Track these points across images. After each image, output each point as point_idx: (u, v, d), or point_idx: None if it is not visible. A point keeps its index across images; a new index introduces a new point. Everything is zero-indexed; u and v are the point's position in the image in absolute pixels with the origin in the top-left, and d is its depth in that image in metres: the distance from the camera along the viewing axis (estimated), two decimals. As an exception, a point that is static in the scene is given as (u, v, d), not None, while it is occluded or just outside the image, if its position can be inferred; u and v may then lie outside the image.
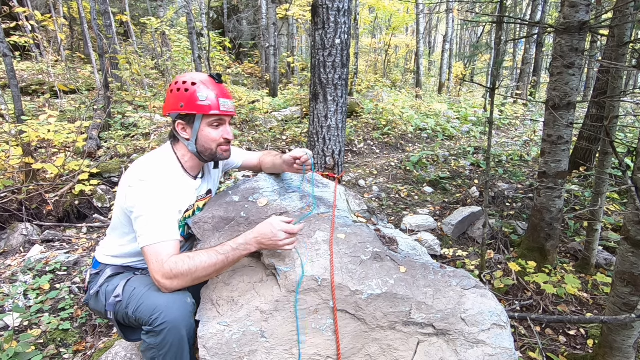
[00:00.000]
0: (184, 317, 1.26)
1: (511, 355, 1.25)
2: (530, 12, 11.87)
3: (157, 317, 1.23)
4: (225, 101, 1.42)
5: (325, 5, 2.42)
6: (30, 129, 4.06)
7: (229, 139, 1.46)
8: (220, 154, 1.48)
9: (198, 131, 1.42)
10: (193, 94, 1.38)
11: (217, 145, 1.46)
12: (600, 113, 4.33)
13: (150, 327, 1.24)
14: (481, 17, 8.19)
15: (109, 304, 1.40)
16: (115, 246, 1.51)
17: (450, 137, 8.10)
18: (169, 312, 1.24)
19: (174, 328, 1.23)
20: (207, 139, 1.43)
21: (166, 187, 1.36)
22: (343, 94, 2.61)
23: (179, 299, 1.29)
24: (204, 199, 1.63)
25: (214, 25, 14.21)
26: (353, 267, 1.32)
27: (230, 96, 1.47)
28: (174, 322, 1.24)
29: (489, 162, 2.91)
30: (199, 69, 7.53)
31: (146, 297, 1.30)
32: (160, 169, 1.40)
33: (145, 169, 1.37)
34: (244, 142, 6.21)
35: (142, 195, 1.31)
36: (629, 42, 2.82)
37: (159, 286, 1.26)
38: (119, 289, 1.39)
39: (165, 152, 1.49)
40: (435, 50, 21.18)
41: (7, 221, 3.53)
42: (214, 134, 1.44)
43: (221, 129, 1.45)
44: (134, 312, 1.31)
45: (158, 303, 1.26)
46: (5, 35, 5.40)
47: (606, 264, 3.22)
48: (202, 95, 1.38)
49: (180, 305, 1.27)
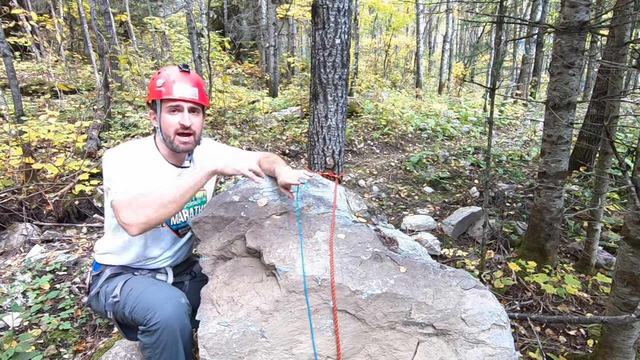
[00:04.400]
0: (177, 316, 1.30)
1: (511, 355, 1.25)
2: (530, 12, 11.87)
3: (151, 317, 1.27)
4: (182, 87, 1.43)
5: (325, 5, 2.42)
6: (30, 129, 4.06)
7: (184, 125, 1.44)
8: (177, 145, 1.46)
9: (160, 118, 1.46)
10: (154, 82, 1.45)
11: (174, 132, 1.45)
12: (600, 113, 4.33)
13: (145, 327, 1.29)
14: (481, 17, 8.19)
15: (107, 304, 1.43)
16: (111, 240, 1.54)
17: (450, 137, 8.10)
18: (162, 312, 1.28)
19: (167, 327, 1.27)
20: (165, 124, 1.46)
21: (136, 161, 1.42)
22: (343, 94, 2.61)
23: (172, 299, 1.34)
24: None
25: (214, 25, 14.21)
26: (353, 267, 1.32)
27: (197, 85, 1.47)
28: (168, 321, 1.27)
29: (489, 162, 2.91)
30: (199, 69, 7.53)
31: (141, 297, 1.35)
32: (134, 149, 1.46)
33: (119, 149, 1.43)
34: (244, 142, 6.22)
35: (113, 166, 1.37)
36: (629, 42, 2.82)
37: (127, 230, 1.24)
38: (117, 290, 1.43)
39: (145, 140, 1.56)
40: (435, 50, 21.18)
41: (7, 221, 3.53)
42: (170, 119, 1.44)
43: (178, 115, 1.45)
44: (130, 312, 1.35)
45: (152, 303, 1.30)
46: (5, 35, 5.40)
47: (606, 264, 3.22)
48: (160, 82, 1.43)
49: (173, 305, 1.32)
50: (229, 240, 1.48)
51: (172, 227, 1.58)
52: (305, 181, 1.53)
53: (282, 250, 1.35)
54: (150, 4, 12.59)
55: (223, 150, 1.78)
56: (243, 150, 1.92)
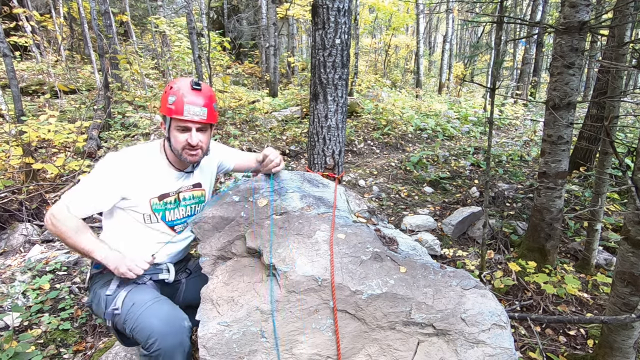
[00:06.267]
0: (178, 344, 1.33)
1: (511, 355, 1.25)
2: (530, 12, 11.87)
3: (152, 343, 1.30)
4: (192, 108, 1.45)
5: (325, 5, 2.42)
6: (30, 129, 4.06)
7: (192, 145, 1.49)
8: (185, 158, 1.52)
9: (170, 132, 1.50)
10: (166, 97, 1.47)
11: (182, 148, 1.50)
12: (600, 113, 4.33)
13: (147, 352, 1.31)
14: (481, 17, 8.19)
15: (107, 313, 1.43)
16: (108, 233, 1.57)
17: (450, 137, 8.10)
18: (163, 339, 1.30)
19: (167, 354, 1.31)
20: (174, 140, 1.50)
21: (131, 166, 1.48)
22: (343, 94, 2.60)
23: (175, 324, 1.36)
24: (191, 190, 1.65)
25: (214, 25, 14.21)
26: (353, 267, 1.32)
27: (207, 105, 1.48)
28: (169, 350, 1.31)
29: (489, 162, 2.91)
30: (199, 69, 7.53)
31: (142, 319, 1.35)
32: (132, 155, 1.51)
33: (118, 156, 1.49)
34: (244, 142, 6.21)
35: (94, 170, 1.47)
36: (629, 42, 2.82)
37: (45, 222, 1.44)
38: (119, 302, 1.42)
39: (153, 143, 1.60)
40: (435, 50, 21.16)
41: (7, 221, 3.53)
42: (179, 137, 1.49)
43: (186, 134, 1.48)
44: (131, 330, 1.36)
45: (153, 328, 1.32)
46: (6, 35, 5.40)
47: (606, 264, 3.22)
48: (171, 99, 1.45)
49: (176, 332, 1.34)
50: (229, 240, 1.48)
51: (167, 223, 1.58)
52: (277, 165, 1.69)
53: (282, 250, 1.35)
54: (150, 4, 12.59)
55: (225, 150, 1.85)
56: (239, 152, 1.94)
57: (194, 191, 1.66)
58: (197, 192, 1.67)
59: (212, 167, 1.77)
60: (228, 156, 1.85)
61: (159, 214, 1.55)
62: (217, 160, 1.79)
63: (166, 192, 1.56)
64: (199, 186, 1.68)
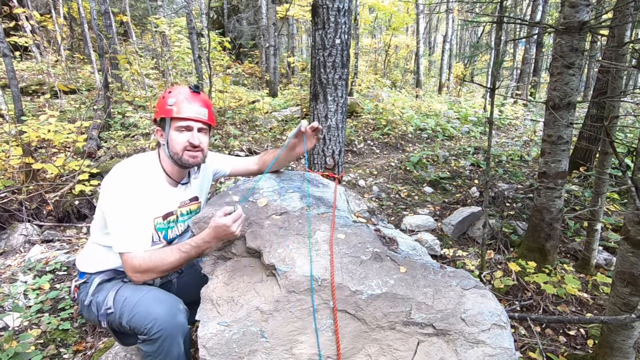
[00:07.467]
0: (177, 323, 1.34)
1: (511, 356, 1.25)
2: (530, 12, 11.87)
3: (151, 326, 1.30)
4: (193, 107, 1.47)
5: (325, 5, 2.42)
6: (30, 129, 4.06)
7: (194, 144, 1.48)
8: (186, 160, 1.49)
9: (168, 135, 1.49)
10: (164, 100, 1.48)
11: (182, 150, 1.48)
12: (600, 113, 4.33)
13: (146, 336, 1.31)
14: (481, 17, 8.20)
15: (101, 315, 1.43)
16: (100, 247, 1.52)
17: (450, 137, 8.10)
18: (162, 320, 1.30)
19: (169, 335, 1.31)
20: (174, 142, 1.48)
21: (138, 192, 1.42)
22: (343, 94, 2.61)
23: (170, 306, 1.36)
24: (188, 205, 1.64)
25: (214, 25, 14.21)
26: (353, 267, 1.32)
27: (206, 106, 1.52)
28: (169, 329, 1.31)
29: (489, 162, 2.91)
30: (199, 69, 7.53)
31: (139, 306, 1.35)
32: (137, 173, 1.46)
33: (122, 173, 1.43)
34: (244, 142, 6.21)
35: (114, 199, 1.39)
36: (629, 42, 2.82)
37: (132, 279, 1.41)
38: (110, 301, 1.41)
39: (149, 156, 1.55)
40: (435, 50, 21.16)
41: (7, 221, 3.53)
42: (179, 137, 1.47)
43: (188, 134, 1.48)
44: (128, 322, 1.36)
45: (151, 312, 1.32)
46: (5, 35, 5.40)
47: (606, 264, 3.22)
48: (171, 100, 1.46)
49: (172, 312, 1.34)
50: (229, 240, 1.48)
51: (168, 240, 1.57)
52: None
53: (282, 250, 1.35)
54: (150, 4, 12.59)
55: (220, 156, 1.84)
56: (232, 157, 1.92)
57: (191, 205, 1.66)
58: (193, 206, 1.67)
59: (208, 174, 1.77)
60: (223, 162, 1.83)
61: (161, 233, 1.53)
62: (212, 169, 1.79)
63: (170, 211, 1.55)
64: (195, 200, 1.68)
